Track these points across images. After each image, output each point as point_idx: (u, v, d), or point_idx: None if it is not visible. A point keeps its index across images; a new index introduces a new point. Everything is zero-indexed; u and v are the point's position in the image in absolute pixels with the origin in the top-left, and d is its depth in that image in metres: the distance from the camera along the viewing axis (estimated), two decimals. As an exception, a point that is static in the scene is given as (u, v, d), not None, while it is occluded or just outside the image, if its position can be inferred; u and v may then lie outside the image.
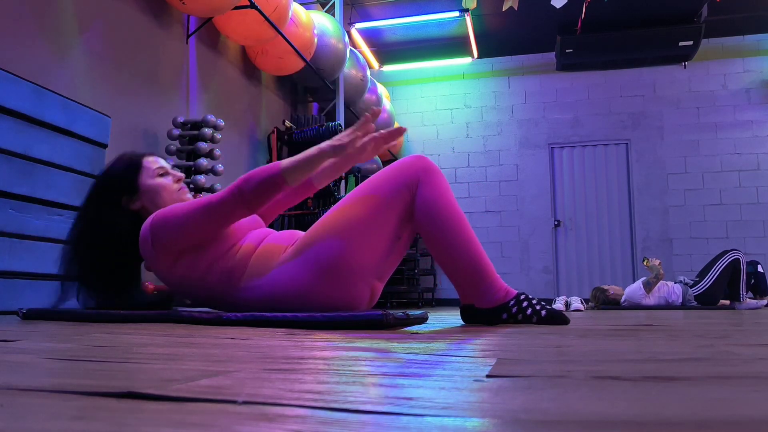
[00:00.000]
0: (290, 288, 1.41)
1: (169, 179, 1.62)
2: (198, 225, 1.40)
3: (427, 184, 1.43)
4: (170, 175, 1.64)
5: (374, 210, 1.42)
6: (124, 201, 1.58)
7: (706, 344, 0.87)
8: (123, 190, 1.58)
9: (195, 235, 1.42)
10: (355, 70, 5.19)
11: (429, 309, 4.70)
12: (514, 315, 1.43)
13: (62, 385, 0.45)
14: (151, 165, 1.62)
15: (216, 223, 1.40)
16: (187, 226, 1.40)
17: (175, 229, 1.41)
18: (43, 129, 2.08)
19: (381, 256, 1.45)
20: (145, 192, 1.58)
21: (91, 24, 2.85)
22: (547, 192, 6.45)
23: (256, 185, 1.35)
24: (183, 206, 1.43)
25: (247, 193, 1.36)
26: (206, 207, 1.39)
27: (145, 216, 1.59)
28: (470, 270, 1.42)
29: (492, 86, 6.74)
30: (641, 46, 5.91)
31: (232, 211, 1.38)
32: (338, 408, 0.36)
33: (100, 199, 1.58)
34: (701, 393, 0.42)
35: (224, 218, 1.40)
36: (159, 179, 1.60)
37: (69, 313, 1.46)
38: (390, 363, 0.61)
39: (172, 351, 0.73)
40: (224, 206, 1.38)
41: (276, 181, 1.35)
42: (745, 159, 6.08)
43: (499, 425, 0.32)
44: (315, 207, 4.58)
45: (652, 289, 4.21)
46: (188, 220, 1.40)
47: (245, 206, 1.37)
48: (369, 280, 1.45)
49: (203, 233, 1.42)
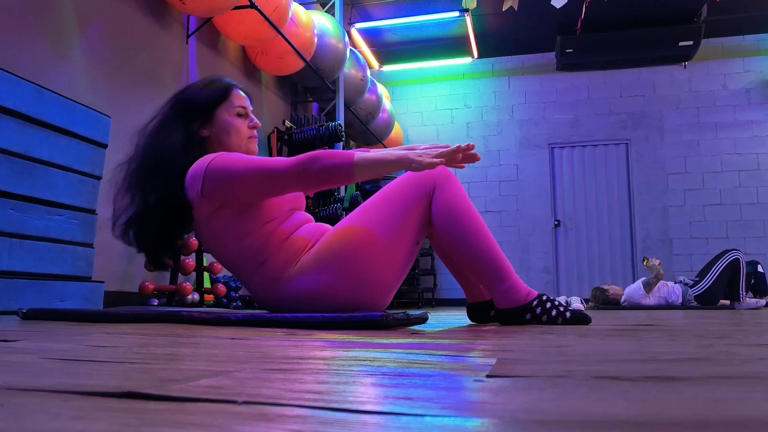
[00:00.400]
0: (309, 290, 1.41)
1: (245, 122, 1.56)
2: (251, 185, 1.36)
3: (444, 188, 1.45)
4: (248, 119, 1.57)
5: (396, 217, 1.43)
6: (195, 125, 1.51)
7: (706, 344, 0.87)
8: (198, 114, 1.51)
9: (245, 193, 1.38)
10: (355, 70, 5.19)
11: (429, 309, 4.70)
12: (538, 316, 1.44)
13: (62, 385, 0.45)
14: (235, 100, 1.55)
15: (268, 190, 1.36)
16: (240, 182, 1.35)
17: (227, 180, 1.36)
18: (43, 129, 2.08)
19: (401, 262, 1.47)
20: (217, 124, 1.52)
21: (91, 24, 2.85)
22: (547, 192, 6.45)
23: (322, 168, 1.30)
24: (243, 160, 1.37)
25: (311, 173, 1.31)
26: (265, 171, 1.34)
27: (206, 148, 1.53)
28: (492, 270, 1.43)
29: (492, 86, 6.74)
30: (641, 46, 5.91)
31: (288, 185, 1.34)
32: (338, 408, 0.36)
33: (174, 113, 1.52)
34: (701, 393, 0.42)
35: (278, 188, 1.36)
36: (236, 119, 1.54)
37: (69, 313, 1.46)
38: (390, 363, 0.61)
39: (172, 351, 0.73)
40: (283, 177, 1.33)
41: (345, 171, 1.30)
42: (745, 159, 6.08)
43: (499, 425, 0.32)
44: (315, 207, 4.58)
45: (652, 289, 4.21)
46: (243, 176, 1.35)
47: (304, 184, 1.33)
48: (389, 287, 1.47)
49: (253, 195, 1.39)
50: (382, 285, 1.44)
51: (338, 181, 1.33)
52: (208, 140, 1.53)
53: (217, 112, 1.52)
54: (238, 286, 3.52)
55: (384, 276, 1.43)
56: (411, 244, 1.46)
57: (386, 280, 1.44)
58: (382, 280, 1.43)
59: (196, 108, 1.52)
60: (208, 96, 1.53)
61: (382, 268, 1.42)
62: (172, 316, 1.39)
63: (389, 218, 1.42)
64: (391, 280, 1.46)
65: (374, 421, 0.33)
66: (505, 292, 1.43)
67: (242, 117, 1.55)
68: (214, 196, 1.39)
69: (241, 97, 1.57)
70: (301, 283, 1.41)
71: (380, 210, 1.44)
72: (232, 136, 1.52)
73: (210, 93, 1.54)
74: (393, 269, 1.44)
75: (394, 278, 1.46)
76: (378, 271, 1.41)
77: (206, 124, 1.52)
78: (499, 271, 1.43)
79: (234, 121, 1.53)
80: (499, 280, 1.43)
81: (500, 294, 1.44)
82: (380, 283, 1.43)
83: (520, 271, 6.36)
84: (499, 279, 1.43)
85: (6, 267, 1.91)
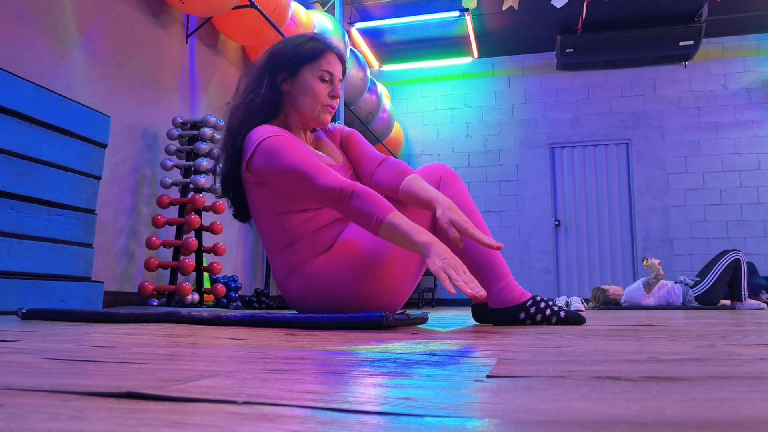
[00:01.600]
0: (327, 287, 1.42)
1: (326, 89, 1.53)
2: (288, 182, 1.36)
3: (447, 186, 1.49)
4: (331, 86, 1.54)
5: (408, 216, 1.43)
6: (281, 77, 1.51)
7: (706, 344, 0.87)
8: (285, 67, 1.51)
9: (278, 184, 1.38)
10: (355, 69, 5.18)
11: (429, 309, 4.70)
12: (532, 315, 1.44)
13: (62, 385, 0.45)
14: (323, 65, 1.52)
15: (300, 194, 1.37)
16: (280, 174, 1.36)
17: (271, 165, 1.36)
18: (43, 129, 2.08)
19: (418, 265, 1.49)
20: (299, 82, 1.51)
21: (91, 24, 2.85)
22: (548, 192, 6.45)
23: (356, 208, 1.28)
24: (295, 153, 1.36)
25: (344, 205, 1.30)
26: (306, 177, 1.33)
27: (283, 103, 1.53)
28: (487, 269, 1.44)
29: (492, 86, 6.74)
30: (642, 46, 5.90)
31: (320, 201, 1.34)
32: (338, 408, 0.36)
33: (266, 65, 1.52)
34: (701, 393, 0.42)
35: (309, 197, 1.36)
36: (318, 82, 1.51)
37: (69, 313, 1.46)
38: (390, 363, 0.61)
39: (172, 351, 0.73)
40: (319, 193, 1.32)
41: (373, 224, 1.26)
42: (745, 159, 6.07)
43: (499, 425, 0.32)
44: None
45: (652, 289, 4.21)
46: (285, 170, 1.35)
47: (335, 207, 1.33)
48: (408, 290, 1.49)
49: (285, 189, 1.39)
50: (401, 290, 1.46)
51: (361, 225, 1.31)
52: (287, 96, 1.52)
53: (302, 70, 1.51)
54: (238, 286, 3.53)
55: (401, 281, 1.45)
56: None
57: (403, 285, 1.46)
58: (400, 285, 1.45)
59: (284, 60, 1.51)
60: (299, 52, 1.51)
61: (400, 272, 1.43)
62: (172, 316, 1.39)
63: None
64: (408, 285, 1.48)
65: (374, 421, 0.33)
66: (499, 291, 1.44)
67: (326, 82, 1.53)
68: (256, 173, 1.40)
69: (332, 63, 1.53)
70: (319, 277, 1.42)
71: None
72: (308, 97, 1.50)
73: (302, 50, 1.52)
74: (410, 274, 1.47)
75: (410, 283, 1.49)
76: (397, 276, 1.43)
77: (289, 79, 1.51)
78: (495, 271, 1.44)
79: (315, 83, 1.51)
80: (495, 279, 1.44)
81: (494, 293, 1.44)
82: (398, 288, 1.45)
83: (520, 271, 6.36)
84: (495, 278, 1.44)
85: (6, 267, 1.91)
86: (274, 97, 1.50)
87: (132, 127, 3.11)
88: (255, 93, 1.49)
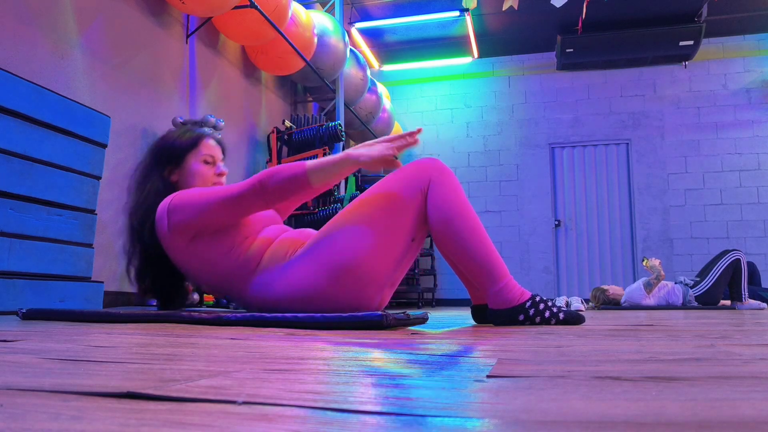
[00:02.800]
0: (301, 288, 1.42)
1: (211, 170, 1.67)
2: (215, 212, 1.44)
3: (440, 185, 1.42)
4: (214, 167, 1.68)
5: (389, 213, 1.42)
6: (167, 170, 1.64)
7: (706, 344, 0.87)
8: (171, 160, 1.64)
9: (211, 221, 1.45)
10: (355, 69, 5.18)
11: (429, 309, 4.70)
12: (531, 317, 1.42)
13: (62, 385, 0.45)
14: (204, 149, 1.67)
15: (233, 212, 1.44)
16: (204, 212, 1.44)
17: (192, 213, 1.44)
18: (43, 129, 2.08)
19: (395, 259, 1.45)
20: (184, 170, 1.64)
21: (91, 23, 2.85)
22: (548, 192, 6.45)
23: (279, 182, 1.38)
24: (203, 192, 1.46)
25: (269, 189, 1.38)
26: (225, 196, 1.42)
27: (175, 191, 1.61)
28: (485, 270, 1.41)
29: (492, 86, 6.74)
30: (641, 46, 5.91)
31: (250, 204, 1.42)
32: (338, 408, 0.36)
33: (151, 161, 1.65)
34: (701, 393, 0.42)
35: (241, 210, 1.43)
36: (202, 165, 1.65)
37: (69, 313, 1.46)
38: (390, 363, 0.61)
39: (172, 351, 0.73)
40: (243, 198, 1.41)
41: (301, 180, 1.38)
42: (745, 159, 6.08)
43: (499, 425, 0.32)
44: (315, 207, 4.58)
45: (653, 289, 4.21)
46: (206, 206, 1.43)
47: (264, 201, 1.40)
48: (381, 284, 1.45)
49: (220, 220, 1.45)
50: (375, 283, 1.42)
51: (300, 192, 1.40)
52: (177, 185, 1.65)
53: (186, 158, 1.65)
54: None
55: (377, 274, 1.41)
56: (405, 241, 1.44)
57: (379, 279, 1.42)
58: (375, 279, 1.41)
59: (167, 154, 1.65)
60: (180, 143, 1.66)
61: (375, 266, 1.40)
62: (172, 316, 1.39)
63: (381, 215, 1.41)
64: (384, 278, 1.44)
65: (374, 421, 0.33)
66: (498, 292, 1.41)
67: (209, 164, 1.67)
68: (183, 229, 1.46)
69: (210, 147, 1.68)
70: (296, 283, 1.41)
71: (372, 207, 1.42)
72: (197, 180, 1.64)
73: (182, 140, 1.66)
74: (386, 267, 1.42)
75: (386, 276, 1.44)
76: (370, 270, 1.40)
77: (176, 170, 1.65)
78: (492, 272, 1.41)
79: (200, 167, 1.65)
80: (493, 280, 1.41)
81: (493, 294, 1.42)
82: (373, 282, 1.41)
83: (520, 271, 6.36)
84: (493, 279, 1.41)
85: (5, 267, 1.91)
86: (166, 189, 1.61)
87: (132, 127, 3.11)
88: (148, 191, 1.60)
